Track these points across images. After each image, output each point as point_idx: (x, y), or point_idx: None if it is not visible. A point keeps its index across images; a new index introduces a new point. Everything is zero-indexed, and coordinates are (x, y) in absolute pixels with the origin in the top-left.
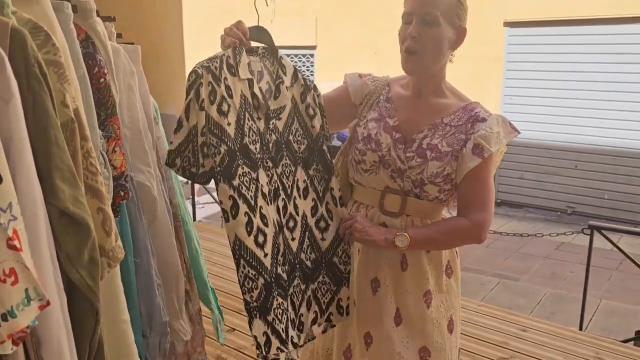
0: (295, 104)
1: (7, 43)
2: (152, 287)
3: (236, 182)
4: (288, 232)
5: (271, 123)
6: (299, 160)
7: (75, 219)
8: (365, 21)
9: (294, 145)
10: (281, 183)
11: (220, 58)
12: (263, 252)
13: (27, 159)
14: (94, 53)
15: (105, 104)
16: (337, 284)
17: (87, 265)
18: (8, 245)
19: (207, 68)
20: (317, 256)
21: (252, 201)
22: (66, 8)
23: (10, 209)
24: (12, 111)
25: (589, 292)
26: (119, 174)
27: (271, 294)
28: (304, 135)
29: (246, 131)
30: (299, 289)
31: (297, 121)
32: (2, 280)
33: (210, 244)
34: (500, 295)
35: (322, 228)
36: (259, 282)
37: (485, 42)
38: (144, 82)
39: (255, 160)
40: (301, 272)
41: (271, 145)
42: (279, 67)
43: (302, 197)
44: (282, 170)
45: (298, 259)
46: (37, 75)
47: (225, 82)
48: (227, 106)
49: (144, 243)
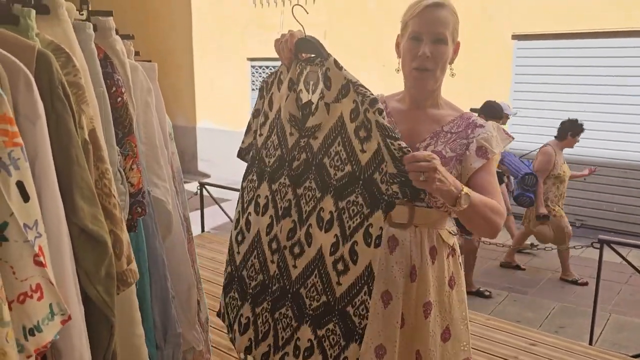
0: (341, 122)
1: (33, 65)
2: (167, 299)
3: (244, 184)
4: (290, 256)
5: (303, 141)
6: (330, 187)
7: (93, 236)
8: (373, 33)
9: (329, 170)
10: (297, 205)
11: (276, 73)
12: (237, 250)
13: (51, 178)
14: (112, 72)
15: (122, 122)
16: (348, 338)
17: (104, 281)
18: (35, 262)
19: (265, 82)
20: (328, 300)
21: (245, 205)
22: (87, 28)
23: (36, 226)
24: (39, 131)
25: (599, 306)
26: (137, 190)
27: (231, 286)
28: (347, 160)
29: (267, 144)
30: (288, 322)
31: (341, 143)
32: (29, 296)
33: (219, 256)
34: (509, 309)
35: (339, 271)
36: (228, 269)
37: (494, 54)
38: (160, 99)
39: (263, 172)
40: (295, 307)
41: (297, 164)
42: (323, 81)
43: (322, 229)
44: (302, 192)
45: (293, 290)
46: (60, 96)
47: (270, 96)
48: (265, 119)
49: (160, 257)
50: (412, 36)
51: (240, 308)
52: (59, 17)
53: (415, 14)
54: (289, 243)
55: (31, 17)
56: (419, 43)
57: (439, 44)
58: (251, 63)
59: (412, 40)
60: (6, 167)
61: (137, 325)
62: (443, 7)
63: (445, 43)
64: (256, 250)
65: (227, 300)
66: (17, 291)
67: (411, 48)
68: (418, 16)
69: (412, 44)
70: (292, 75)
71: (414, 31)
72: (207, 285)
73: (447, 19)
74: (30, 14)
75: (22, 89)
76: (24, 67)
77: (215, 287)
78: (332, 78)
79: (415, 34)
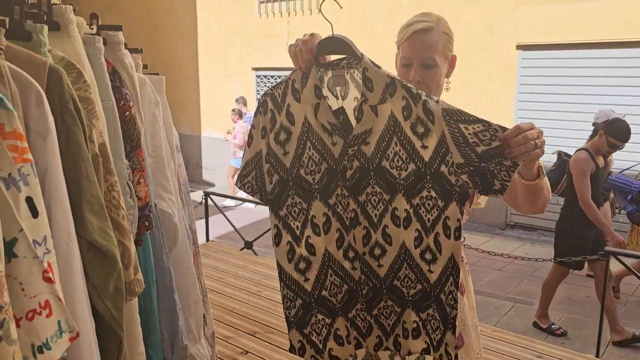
0: (394, 121)
1: (44, 80)
2: (175, 311)
3: (283, 212)
4: (372, 259)
5: (352, 149)
6: (398, 187)
7: (102, 250)
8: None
9: (392, 172)
10: (364, 212)
11: (286, 83)
12: (304, 277)
13: (61, 192)
14: (120, 87)
15: (130, 136)
16: (444, 324)
17: (113, 295)
18: (44, 278)
19: (271, 95)
20: (424, 287)
21: (297, 231)
22: (97, 42)
23: (45, 242)
24: (49, 146)
25: (605, 318)
26: (144, 204)
27: (309, 312)
28: (409, 158)
29: (304, 161)
30: (391, 310)
31: (398, 143)
32: (38, 313)
33: (224, 265)
34: (515, 320)
35: (428, 260)
36: (296, 302)
37: (498, 65)
38: (168, 112)
39: (310, 192)
40: (394, 296)
41: (350, 173)
42: (364, 83)
43: (401, 227)
44: (366, 199)
45: (386, 283)
46: (71, 111)
47: (287, 109)
48: (287, 135)
49: (167, 269)
50: (402, 62)
51: (332, 325)
52: (69, 34)
53: (405, 39)
54: (367, 248)
55: (43, 33)
56: (409, 69)
57: (429, 68)
58: (256, 73)
59: (403, 66)
60: (16, 183)
61: (139, 343)
62: (431, 31)
63: (436, 65)
64: (331, 268)
65: (309, 329)
66: (26, 308)
67: (403, 74)
68: (407, 41)
69: (403, 70)
70: (315, 82)
71: (404, 57)
72: (211, 295)
73: (436, 42)
74: (43, 30)
75: (33, 105)
76: (36, 84)
77: (220, 296)
78: (373, 78)
79: (405, 60)
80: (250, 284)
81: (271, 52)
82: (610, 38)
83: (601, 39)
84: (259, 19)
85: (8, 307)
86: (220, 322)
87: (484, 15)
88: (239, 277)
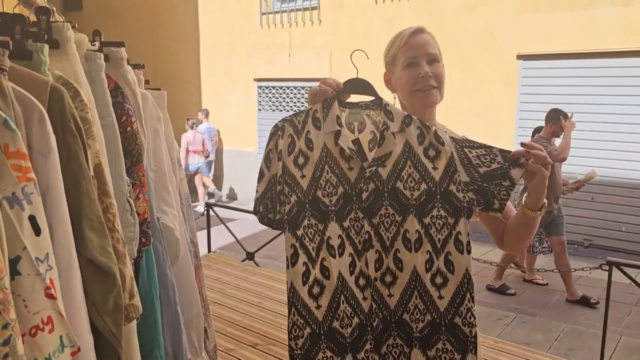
0: (409, 147)
1: (46, 100)
2: (179, 324)
3: (300, 232)
4: (383, 286)
5: (369, 171)
6: (410, 208)
7: (102, 267)
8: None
9: (405, 193)
10: (377, 234)
11: (307, 112)
12: (316, 304)
13: (63, 210)
14: (123, 102)
15: (131, 152)
16: (462, 351)
17: (112, 312)
18: (46, 294)
19: (290, 121)
20: (433, 317)
21: (313, 252)
22: (98, 59)
23: (47, 259)
24: (51, 165)
25: (609, 328)
26: (142, 220)
27: (317, 345)
28: (421, 179)
29: (321, 184)
30: (400, 350)
31: (412, 166)
32: (40, 329)
33: (225, 277)
34: (517, 331)
35: (438, 285)
36: (305, 332)
37: (499, 75)
38: (169, 127)
39: (326, 213)
40: (402, 332)
41: (366, 195)
42: (385, 114)
43: (412, 250)
44: (379, 221)
45: (396, 317)
46: (72, 130)
47: (307, 135)
48: (305, 159)
49: (171, 282)
50: (407, 63)
51: None
52: (67, 51)
53: (403, 43)
54: (379, 274)
55: (44, 52)
56: (416, 67)
57: (435, 63)
58: (258, 83)
59: (409, 67)
60: (19, 202)
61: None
62: (425, 31)
63: (439, 61)
64: (343, 295)
65: None
66: (30, 324)
67: (410, 73)
68: (406, 45)
69: (409, 70)
70: (337, 112)
71: (408, 58)
72: (213, 306)
73: (433, 41)
74: (43, 50)
75: (36, 125)
76: (38, 104)
77: (221, 308)
78: (393, 112)
79: (410, 60)
80: (252, 296)
81: (273, 63)
82: (611, 47)
83: (602, 49)
84: (261, 30)
85: (15, 323)
86: (221, 334)
87: (485, 25)
88: (240, 288)
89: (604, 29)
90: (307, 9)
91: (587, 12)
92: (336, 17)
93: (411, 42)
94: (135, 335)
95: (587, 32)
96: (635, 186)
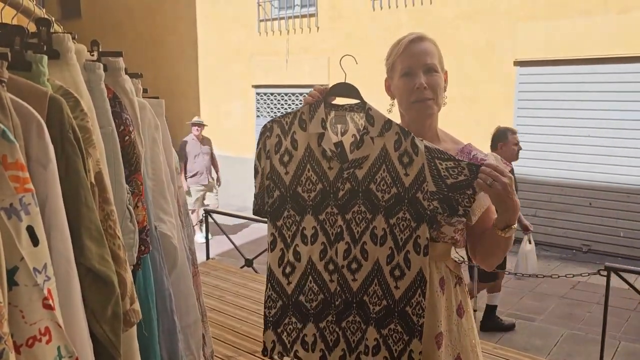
0: (385, 152)
1: (45, 110)
2: (175, 333)
3: (280, 223)
4: (348, 272)
5: (347, 172)
6: (380, 208)
7: (100, 276)
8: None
9: (377, 194)
10: (348, 228)
11: (294, 114)
12: (287, 281)
13: (61, 220)
14: (121, 112)
15: (129, 160)
16: (410, 334)
17: (110, 320)
18: (44, 305)
19: (279, 122)
20: (388, 303)
21: (288, 239)
22: (97, 69)
23: (45, 269)
24: (50, 175)
25: (608, 334)
26: (141, 228)
27: (286, 314)
28: (393, 183)
29: (302, 181)
30: (357, 327)
31: (386, 170)
32: (38, 340)
33: (224, 284)
34: (516, 336)
35: (396, 276)
36: (277, 304)
37: (496, 81)
38: (167, 135)
39: (304, 207)
40: (361, 312)
41: (342, 194)
42: (366, 119)
43: (377, 244)
44: (352, 217)
45: (357, 298)
46: (71, 140)
47: (293, 136)
48: (289, 157)
49: (168, 291)
50: (403, 73)
51: (301, 330)
52: (68, 62)
53: (401, 51)
54: (346, 262)
55: (43, 63)
56: (412, 77)
57: (431, 73)
58: (256, 90)
59: (405, 76)
60: (17, 213)
61: None
62: (425, 40)
63: (437, 71)
64: (311, 275)
65: (281, 328)
66: (27, 335)
67: (406, 83)
68: (404, 53)
69: (405, 80)
70: (322, 116)
71: (404, 67)
72: (211, 313)
73: (432, 50)
74: (42, 61)
75: (34, 135)
76: (37, 114)
77: (220, 315)
78: (374, 116)
79: (406, 70)
80: (251, 302)
81: (271, 70)
82: (608, 53)
83: (599, 55)
84: (259, 37)
85: (7, 337)
86: (220, 341)
87: (483, 31)
88: (239, 295)
89: (602, 35)
90: (305, 16)
91: (585, 18)
92: (334, 24)
93: (409, 51)
94: (136, 341)
95: (585, 38)
96: (633, 191)
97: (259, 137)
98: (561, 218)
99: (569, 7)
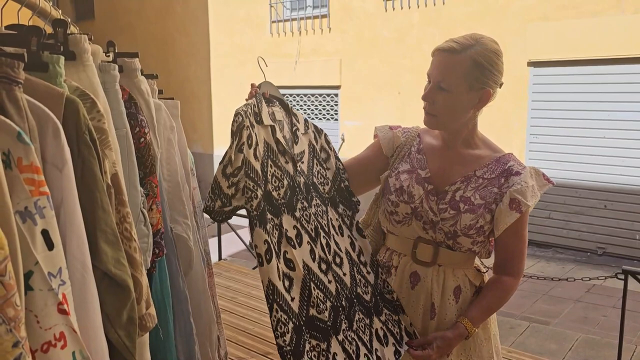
0: (312, 148)
1: (61, 111)
2: (191, 335)
3: (268, 227)
4: (337, 268)
5: (298, 166)
6: (326, 200)
7: (116, 280)
8: (387, 61)
9: (320, 187)
10: (319, 222)
11: (250, 105)
12: (290, 296)
13: (77, 222)
14: (136, 113)
15: (144, 162)
16: (396, 312)
17: (126, 325)
18: (59, 310)
19: (245, 113)
20: (373, 289)
21: (275, 247)
22: (112, 70)
23: (60, 274)
24: (65, 177)
25: (624, 338)
26: (155, 231)
27: (302, 337)
28: (326, 175)
29: (269, 178)
30: (364, 323)
31: (318, 164)
32: (53, 345)
33: (236, 285)
34: (530, 340)
35: (364, 262)
36: (289, 326)
37: (510, 81)
38: (183, 136)
39: (277, 207)
40: (362, 307)
41: (303, 187)
42: (292, 116)
43: (339, 234)
44: (315, 210)
45: (354, 293)
46: (87, 142)
47: (249, 133)
48: (259, 152)
49: (183, 293)
50: (428, 76)
51: (327, 351)
52: (84, 63)
53: (432, 54)
54: (331, 257)
55: (60, 64)
56: (428, 85)
57: (440, 91)
58: None
59: (428, 79)
60: (32, 216)
61: None
62: (453, 53)
63: (447, 91)
64: (312, 282)
65: (305, 358)
66: (41, 340)
67: (425, 87)
68: (432, 57)
69: (427, 83)
70: (267, 109)
71: (428, 72)
72: (224, 315)
73: (455, 66)
74: (59, 61)
75: (50, 137)
76: (53, 116)
77: (232, 317)
78: (297, 115)
79: (428, 75)
80: (263, 304)
81: (282, 71)
82: (621, 54)
83: (612, 55)
84: (271, 38)
85: (25, 341)
86: (233, 342)
87: (495, 32)
88: (251, 296)
89: (614, 36)
90: (317, 17)
91: (598, 18)
92: (346, 26)
93: (433, 59)
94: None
95: (597, 39)
96: None
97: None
98: (576, 220)
99: (583, 8)
